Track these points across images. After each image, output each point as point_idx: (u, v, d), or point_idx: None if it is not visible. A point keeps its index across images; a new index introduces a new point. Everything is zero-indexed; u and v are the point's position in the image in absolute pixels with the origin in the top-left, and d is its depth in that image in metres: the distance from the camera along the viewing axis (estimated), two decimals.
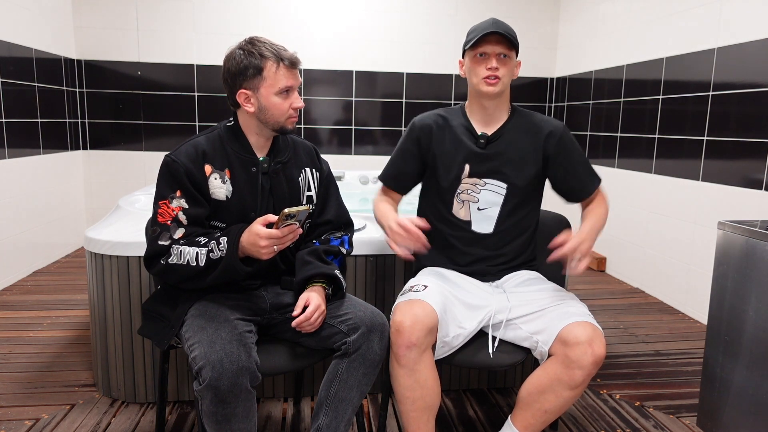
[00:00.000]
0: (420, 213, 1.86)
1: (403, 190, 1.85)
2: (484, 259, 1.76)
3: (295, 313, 1.46)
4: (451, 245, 1.77)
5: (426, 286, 1.62)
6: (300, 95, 1.56)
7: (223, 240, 1.41)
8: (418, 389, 1.53)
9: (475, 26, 1.69)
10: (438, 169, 1.75)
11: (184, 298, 1.52)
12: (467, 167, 1.72)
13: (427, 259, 1.82)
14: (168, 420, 1.96)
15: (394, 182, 1.83)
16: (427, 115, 1.80)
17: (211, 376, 1.27)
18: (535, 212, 1.80)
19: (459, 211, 1.75)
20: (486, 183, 1.72)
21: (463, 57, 1.74)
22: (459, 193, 1.74)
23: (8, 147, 3.47)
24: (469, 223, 1.75)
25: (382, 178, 1.85)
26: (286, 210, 1.34)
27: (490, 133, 1.72)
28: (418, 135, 1.77)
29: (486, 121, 1.74)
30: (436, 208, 1.79)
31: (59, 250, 4.18)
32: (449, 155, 1.74)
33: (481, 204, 1.74)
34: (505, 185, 1.72)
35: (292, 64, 1.49)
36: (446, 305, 1.57)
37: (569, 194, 1.78)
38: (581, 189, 1.76)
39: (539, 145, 1.72)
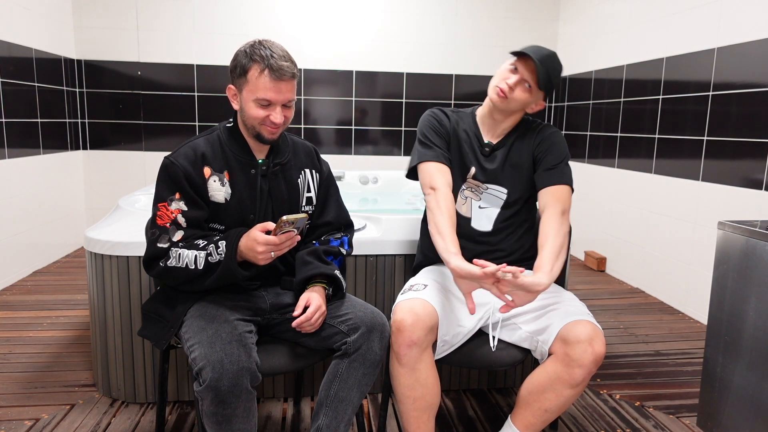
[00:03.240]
0: None
1: (448, 162, 1.73)
2: (482, 253, 1.77)
3: (296, 313, 1.46)
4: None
5: (426, 285, 1.63)
6: (291, 108, 1.49)
7: (222, 244, 1.41)
8: (418, 388, 1.53)
9: (534, 45, 1.65)
10: (450, 158, 1.77)
11: (183, 298, 1.52)
12: (473, 170, 1.75)
13: (428, 255, 1.83)
14: (168, 420, 1.96)
15: (436, 154, 1.70)
16: (440, 107, 1.83)
17: (212, 377, 1.27)
18: (532, 209, 1.82)
19: (461, 206, 1.77)
20: (488, 187, 1.75)
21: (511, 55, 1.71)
22: (463, 190, 1.76)
23: (8, 147, 3.47)
24: (469, 219, 1.77)
25: (426, 158, 1.70)
26: (285, 217, 1.34)
27: (495, 141, 1.75)
28: (440, 118, 1.78)
29: (493, 128, 1.75)
30: None
31: (59, 250, 4.18)
32: (457, 153, 1.76)
33: (483, 203, 1.76)
34: (505, 190, 1.74)
35: (279, 76, 1.41)
36: (446, 304, 1.58)
37: (536, 185, 1.71)
38: (545, 180, 1.67)
39: (531, 147, 1.73)
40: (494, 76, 1.69)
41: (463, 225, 1.77)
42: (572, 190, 1.68)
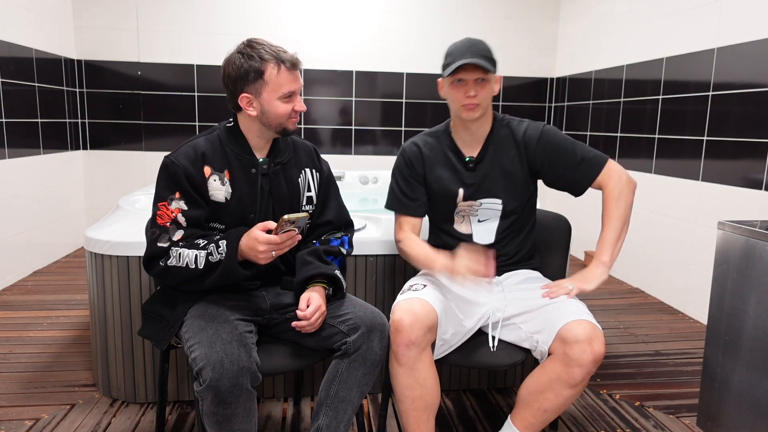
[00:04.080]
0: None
1: (420, 213, 1.77)
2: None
3: (299, 312, 1.46)
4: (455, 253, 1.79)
5: (425, 285, 1.63)
6: (300, 95, 1.55)
7: (222, 243, 1.41)
8: (417, 388, 1.53)
9: (451, 49, 1.65)
10: (434, 192, 1.76)
11: (184, 298, 1.52)
12: (461, 191, 1.73)
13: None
14: (168, 420, 1.96)
15: (407, 208, 1.75)
16: (414, 140, 1.79)
17: (212, 377, 1.27)
18: (532, 210, 1.81)
19: (460, 226, 1.77)
20: (481, 203, 1.73)
21: (441, 77, 1.70)
22: (458, 212, 1.76)
23: (8, 147, 3.47)
24: (470, 236, 1.77)
25: (393, 208, 1.78)
26: (286, 216, 1.34)
27: (475, 153, 1.72)
28: (410, 158, 1.76)
29: (470, 140, 1.73)
30: (440, 224, 1.82)
31: (59, 250, 4.18)
32: (442, 180, 1.74)
33: (481, 217, 1.75)
34: (500, 201, 1.72)
35: (293, 65, 1.47)
36: (445, 304, 1.58)
37: (574, 188, 1.71)
38: (583, 179, 1.68)
39: (522, 155, 1.70)
40: (448, 100, 1.68)
41: (465, 242, 1.77)
42: (609, 159, 1.69)
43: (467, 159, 1.72)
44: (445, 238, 1.80)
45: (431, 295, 1.57)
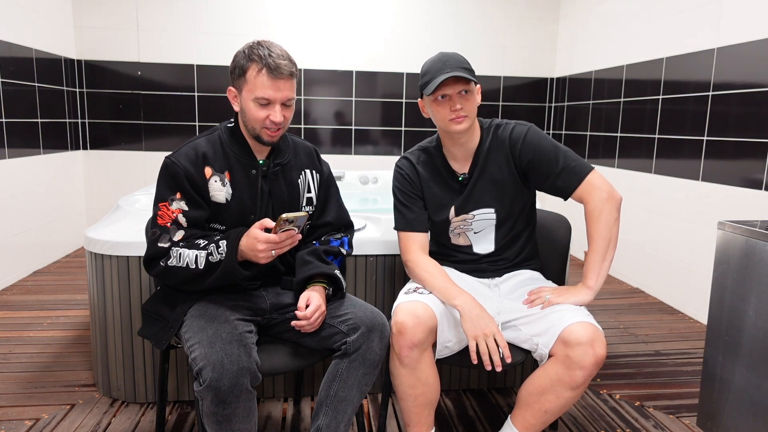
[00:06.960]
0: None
1: (425, 227, 1.74)
2: (486, 262, 1.78)
3: (298, 312, 1.46)
4: (456, 261, 1.80)
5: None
6: (291, 108, 1.49)
7: (223, 243, 1.41)
8: (419, 386, 1.55)
9: (426, 67, 1.60)
10: (428, 209, 1.75)
11: (184, 298, 1.52)
12: (452, 209, 1.72)
13: (434, 251, 1.85)
14: (168, 420, 1.96)
15: (413, 224, 1.72)
16: (407, 155, 1.78)
17: (212, 377, 1.27)
18: (531, 214, 1.80)
19: (458, 238, 1.77)
20: (474, 215, 1.72)
21: (420, 97, 1.67)
22: (453, 230, 1.76)
23: (8, 147, 3.47)
24: (470, 246, 1.77)
25: (401, 227, 1.73)
26: (284, 215, 1.34)
27: (467, 169, 1.71)
28: (407, 173, 1.74)
29: (461, 155, 1.71)
30: (437, 238, 1.82)
31: (59, 250, 4.18)
32: (436, 197, 1.74)
33: (476, 229, 1.75)
34: (492, 210, 1.71)
35: (276, 74, 1.42)
36: (448, 309, 1.58)
37: (559, 193, 1.67)
38: (565, 188, 1.64)
39: (510, 158, 1.68)
40: (434, 118, 1.63)
41: (465, 251, 1.77)
42: (592, 170, 1.62)
43: (460, 178, 1.71)
44: (445, 249, 1.81)
45: (433, 298, 1.58)
